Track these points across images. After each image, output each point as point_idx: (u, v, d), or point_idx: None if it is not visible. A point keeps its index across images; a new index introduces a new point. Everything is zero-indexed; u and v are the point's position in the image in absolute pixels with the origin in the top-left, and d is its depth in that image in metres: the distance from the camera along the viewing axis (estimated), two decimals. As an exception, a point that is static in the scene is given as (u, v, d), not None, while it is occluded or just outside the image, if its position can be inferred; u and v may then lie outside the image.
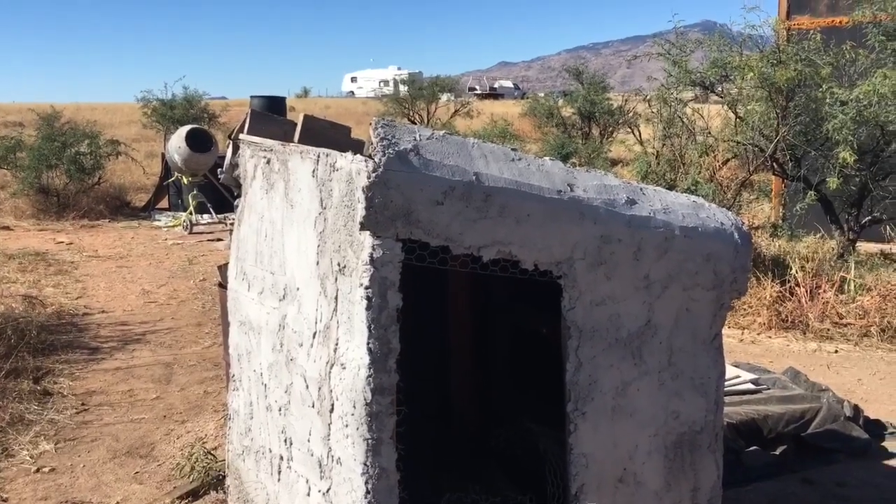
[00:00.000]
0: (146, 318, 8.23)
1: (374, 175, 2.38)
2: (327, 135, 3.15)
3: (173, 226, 14.53)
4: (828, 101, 8.30)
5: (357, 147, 3.03)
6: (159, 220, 15.18)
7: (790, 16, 11.92)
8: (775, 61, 8.58)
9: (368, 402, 2.49)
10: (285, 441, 3.13)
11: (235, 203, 3.59)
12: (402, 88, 34.88)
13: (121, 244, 12.67)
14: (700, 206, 3.08)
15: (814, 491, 4.36)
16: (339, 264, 2.64)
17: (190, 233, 13.77)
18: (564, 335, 2.78)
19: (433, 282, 3.65)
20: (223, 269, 4.62)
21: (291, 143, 3.10)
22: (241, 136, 3.44)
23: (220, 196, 14.76)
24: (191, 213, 14.12)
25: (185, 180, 14.61)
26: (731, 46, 9.45)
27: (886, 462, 4.76)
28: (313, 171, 2.83)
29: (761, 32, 9.48)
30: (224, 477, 4.29)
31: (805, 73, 8.33)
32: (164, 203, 16.56)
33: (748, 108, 9.20)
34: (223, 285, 4.56)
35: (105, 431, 5.35)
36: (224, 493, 4.26)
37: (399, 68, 68.91)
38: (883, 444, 5.05)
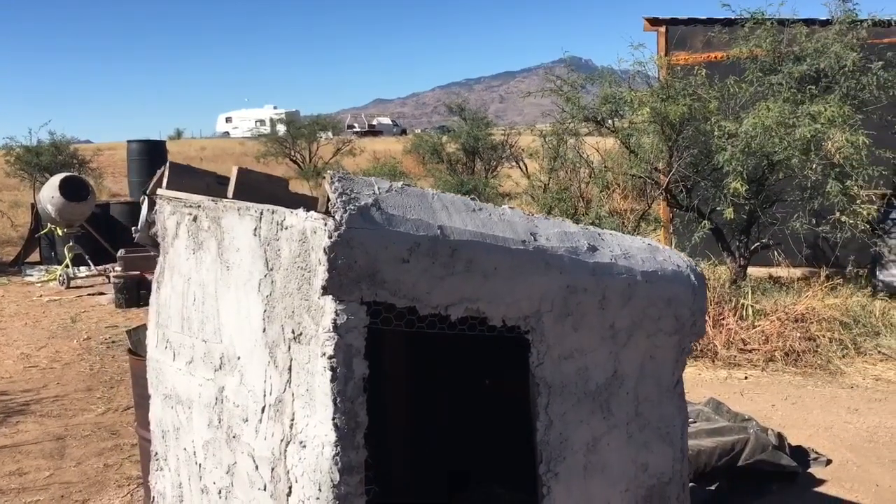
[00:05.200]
0: (28, 385, 7.56)
1: (336, 234, 2.17)
2: (264, 188, 2.91)
3: (48, 280, 13.60)
4: (716, 133, 8.59)
5: (298, 202, 2.80)
6: (31, 275, 14.19)
7: (668, 52, 12.39)
8: (665, 96, 8.83)
9: (336, 483, 2.25)
10: (227, 527, 2.83)
11: (119, 254, 3.30)
12: (280, 128, 34.44)
13: (-10, 303, 11.74)
14: (656, 248, 3.01)
15: (755, 525, 4.35)
16: (293, 331, 2.39)
17: (67, 287, 12.90)
18: (533, 392, 2.62)
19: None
20: (132, 333, 4.24)
21: (225, 199, 2.84)
22: (160, 191, 3.14)
23: (99, 247, 13.97)
24: (67, 267, 13.25)
25: (59, 231, 13.72)
26: (620, 83, 9.70)
27: (816, 489, 4.84)
28: (255, 229, 2.58)
29: (647, 70, 9.79)
30: (141, 563, 3.90)
31: (694, 107, 8.62)
32: (36, 256, 15.53)
33: (641, 141, 9.44)
34: (134, 352, 4.18)
35: (-6, 519, 4.80)
36: (142, 581, 3.87)
37: (275, 107, 67.93)
38: (809, 470, 5.15)
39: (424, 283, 2.34)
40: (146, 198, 3.22)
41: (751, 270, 9.98)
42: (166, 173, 3.16)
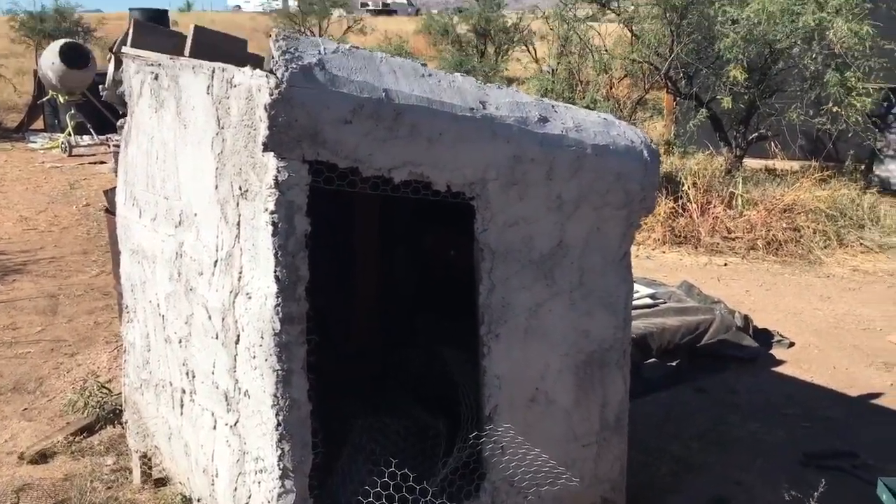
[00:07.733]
0: (26, 246, 7.76)
1: (276, 92, 2.22)
2: (221, 48, 2.93)
3: (50, 147, 13.67)
4: (720, 19, 8.40)
5: (255, 62, 2.83)
6: (35, 142, 14.26)
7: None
8: (670, -23, 8.60)
9: (277, 332, 2.38)
10: (187, 374, 3.00)
11: (119, 123, 3.33)
12: (292, 3, 33.65)
13: (-7, 168, 11.86)
14: (610, 123, 3.04)
15: (706, 399, 4.54)
16: (240, 188, 2.48)
17: (69, 155, 12.99)
18: (477, 257, 2.72)
19: (334, 207, 3.52)
20: (110, 193, 4.35)
21: (182, 57, 2.87)
22: (125, 49, 3.17)
23: (101, 116, 13.95)
24: (69, 135, 13.29)
25: (61, 99, 13.69)
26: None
27: (773, 369, 5.01)
28: (208, 87, 2.62)
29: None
30: (120, 411, 4.12)
31: (699, -11, 8.40)
32: (40, 123, 15.55)
33: (643, 26, 9.24)
34: (110, 211, 4.30)
35: (-13, 368, 5.04)
36: (121, 426, 4.10)
37: (287, -19, 65.98)
38: (770, 351, 5.32)
39: (367, 145, 2.40)
40: (113, 56, 3.24)
41: (748, 162, 9.95)
42: (130, 31, 3.17)
